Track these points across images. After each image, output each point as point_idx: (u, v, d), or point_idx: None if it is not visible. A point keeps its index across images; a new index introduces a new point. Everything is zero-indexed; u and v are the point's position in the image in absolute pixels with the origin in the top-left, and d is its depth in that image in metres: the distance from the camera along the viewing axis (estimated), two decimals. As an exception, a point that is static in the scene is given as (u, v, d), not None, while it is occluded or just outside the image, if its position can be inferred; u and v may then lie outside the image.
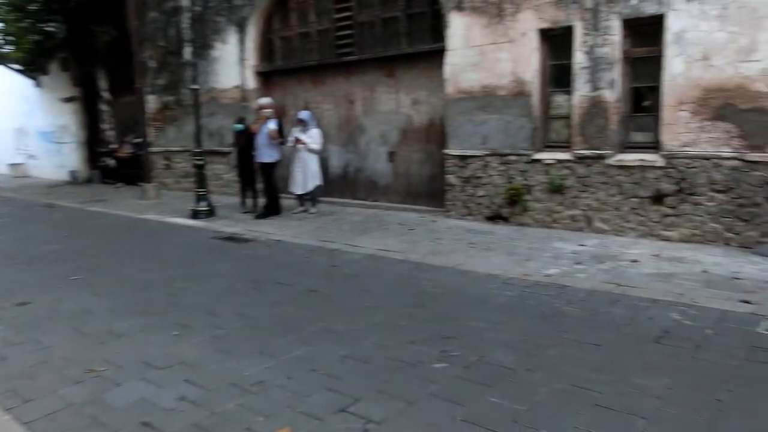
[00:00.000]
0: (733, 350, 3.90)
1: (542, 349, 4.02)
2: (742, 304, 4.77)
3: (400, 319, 4.70)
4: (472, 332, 4.37)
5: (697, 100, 6.65)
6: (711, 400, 3.24)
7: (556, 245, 7.03)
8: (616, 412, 3.14)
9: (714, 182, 6.66)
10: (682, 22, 6.65)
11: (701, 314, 4.57)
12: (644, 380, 3.50)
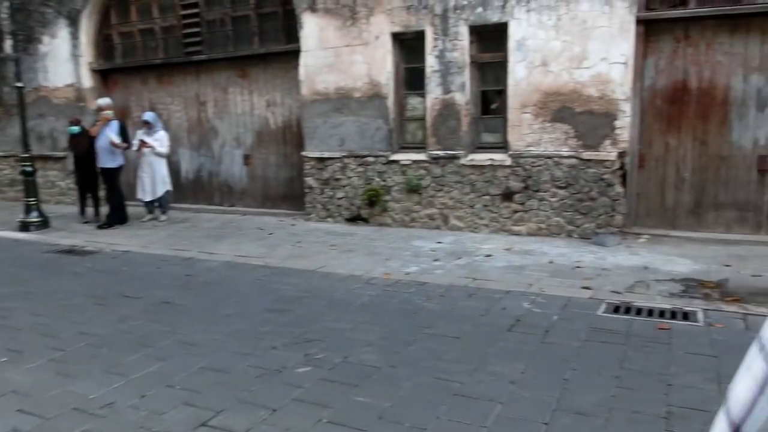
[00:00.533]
0: (576, 333, 4.17)
1: (405, 346, 4.04)
2: (583, 290, 5.14)
3: (261, 326, 4.52)
4: (335, 334, 4.30)
5: (538, 103, 7.13)
6: (559, 380, 3.43)
7: (415, 244, 7.18)
8: (475, 399, 3.23)
9: (556, 179, 7.17)
10: (523, 30, 7.10)
11: (549, 302, 4.86)
12: (500, 367, 3.64)
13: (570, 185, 7.11)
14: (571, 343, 4.01)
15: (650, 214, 7.11)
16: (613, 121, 6.80)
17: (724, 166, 6.71)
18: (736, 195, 6.70)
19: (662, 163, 6.97)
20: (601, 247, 6.64)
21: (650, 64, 6.88)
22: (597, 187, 6.97)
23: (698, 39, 6.64)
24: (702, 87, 6.69)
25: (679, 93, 6.79)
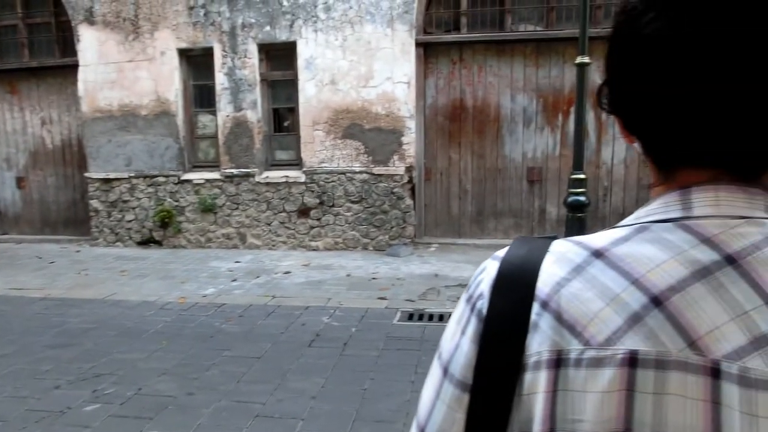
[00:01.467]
0: (374, 343, 4.34)
1: (203, 371, 3.87)
2: (379, 301, 5.37)
3: (42, 364, 4.01)
4: (127, 365, 3.97)
5: (329, 120, 7.33)
6: (358, 391, 3.53)
7: (213, 264, 6.93)
8: (277, 419, 3.19)
9: (349, 194, 7.41)
10: (311, 49, 7.27)
11: (347, 314, 4.99)
12: (300, 383, 3.64)
13: (363, 200, 7.41)
14: (369, 353, 4.15)
15: (438, 224, 7.68)
16: (400, 138, 7.24)
17: (500, 178, 7.49)
18: (512, 203, 7.52)
19: (446, 175, 7.58)
20: (395, 257, 7.00)
21: (431, 84, 7.46)
22: (388, 201, 7.36)
23: (471, 61, 7.35)
24: (477, 105, 7.41)
25: (458, 111, 7.45)
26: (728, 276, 0.50)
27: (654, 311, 0.50)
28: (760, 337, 0.48)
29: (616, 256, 0.54)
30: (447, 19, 7.38)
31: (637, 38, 0.53)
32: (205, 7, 7.45)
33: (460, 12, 7.27)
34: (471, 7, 7.25)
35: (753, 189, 0.54)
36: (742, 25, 0.49)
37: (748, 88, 0.49)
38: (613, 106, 0.58)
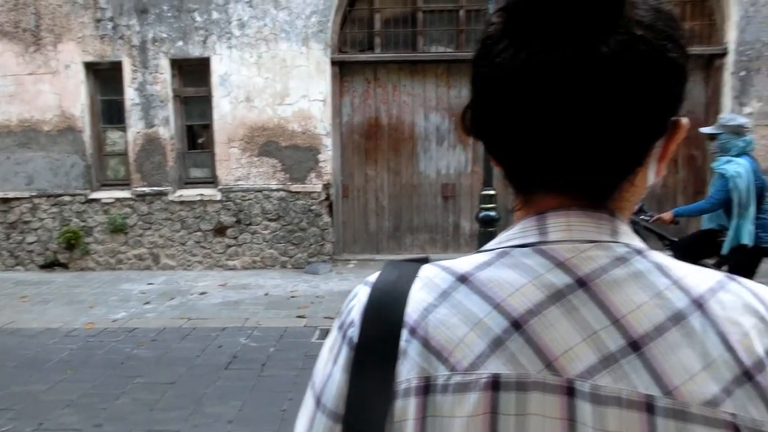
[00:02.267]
0: (292, 362, 4.32)
1: (111, 400, 3.72)
2: (298, 319, 5.35)
3: None
4: (28, 398, 3.76)
5: (245, 138, 7.26)
6: (277, 412, 3.51)
7: (124, 287, 6.67)
8: (192, 446, 3.11)
9: (267, 212, 7.35)
10: (226, 66, 7.19)
11: (265, 334, 4.94)
12: (217, 408, 3.57)
13: (281, 217, 7.36)
14: (287, 373, 4.13)
15: (357, 240, 7.74)
16: (316, 155, 7.27)
17: (415, 194, 7.65)
18: (427, 219, 7.69)
19: (363, 192, 7.66)
20: (314, 275, 6.99)
21: (347, 102, 7.54)
22: (306, 218, 7.35)
23: (386, 81, 7.50)
24: (392, 123, 7.56)
25: (374, 129, 7.57)
26: (579, 298, 0.53)
27: (514, 335, 0.53)
28: (609, 355, 0.51)
29: (480, 281, 0.56)
30: (361, 39, 7.51)
31: (491, 66, 0.55)
32: (114, 20, 7.22)
33: (374, 32, 7.41)
34: (384, 28, 7.42)
35: (600, 214, 0.57)
36: (585, 57, 0.51)
37: (590, 117, 0.52)
38: (475, 131, 0.60)
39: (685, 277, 0.54)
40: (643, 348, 0.51)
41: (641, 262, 0.55)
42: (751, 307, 0.53)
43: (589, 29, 0.51)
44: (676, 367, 0.50)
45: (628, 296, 0.53)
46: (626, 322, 0.52)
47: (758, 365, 0.51)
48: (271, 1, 7.13)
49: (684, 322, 0.52)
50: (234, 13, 7.15)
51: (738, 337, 0.52)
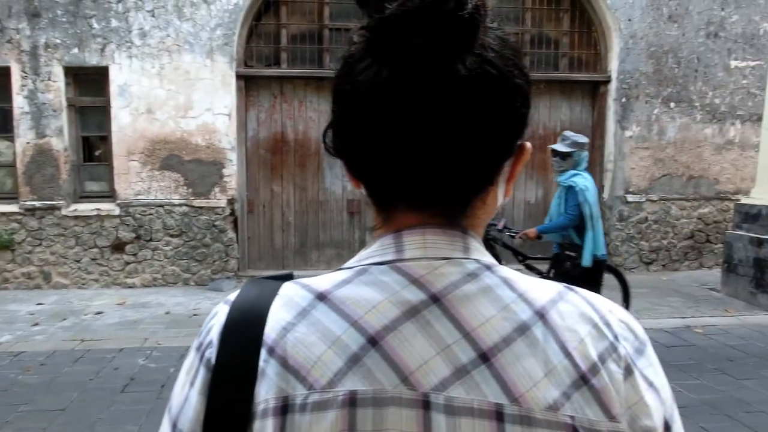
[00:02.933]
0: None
1: (-7, 432, 3.48)
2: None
3: None
4: None
5: (145, 151, 7.03)
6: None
7: (10, 308, 6.24)
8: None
9: (168, 228, 7.13)
10: (125, 76, 6.94)
11: (165, 354, 4.80)
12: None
13: (183, 233, 7.17)
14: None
15: (262, 256, 7.66)
16: (221, 169, 7.15)
17: (321, 210, 7.68)
18: (333, 235, 7.73)
19: (269, 208, 7.61)
20: (218, 292, 6.85)
21: (252, 116, 7.48)
22: (210, 234, 7.20)
23: (292, 96, 7.51)
24: (298, 139, 7.56)
25: (280, 144, 7.54)
26: (433, 313, 0.55)
27: (371, 351, 0.54)
28: (461, 367, 0.54)
29: (338, 299, 0.57)
30: (268, 53, 7.49)
31: (354, 84, 0.56)
32: (1, 22, 6.80)
33: (280, 47, 7.42)
34: (291, 44, 7.44)
35: (453, 232, 0.60)
36: (443, 75, 0.54)
37: (445, 134, 0.55)
38: (337, 150, 0.61)
39: (528, 291, 0.59)
40: (492, 359, 0.55)
41: (490, 277, 0.58)
42: (587, 315, 0.59)
43: (447, 49, 0.53)
44: (522, 375, 0.54)
45: (478, 310, 0.56)
46: (476, 334, 0.55)
47: (592, 369, 0.56)
48: (174, 12, 6.98)
49: (528, 332, 0.56)
50: (135, 22, 6.94)
51: (575, 344, 0.56)
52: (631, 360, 0.58)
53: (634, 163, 7.83)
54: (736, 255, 6.62)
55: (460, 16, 0.53)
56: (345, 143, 0.60)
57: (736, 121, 7.98)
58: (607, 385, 0.56)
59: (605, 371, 0.56)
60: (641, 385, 0.58)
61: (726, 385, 4.23)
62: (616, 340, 0.58)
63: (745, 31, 7.87)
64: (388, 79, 0.54)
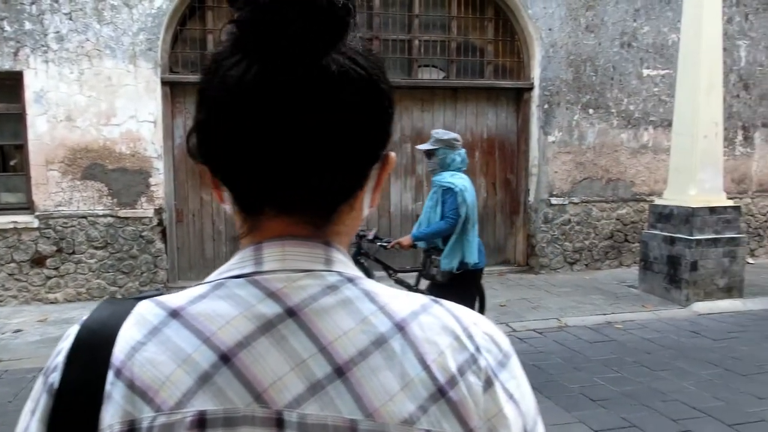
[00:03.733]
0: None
1: None
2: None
3: None
4: None
5: (65, 160, 6.74)
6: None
7: None
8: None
9: (93, 239, 6.86)
10: (42, 82, 6.64)
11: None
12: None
13: (109, 245, 6.92)
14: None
15: (193, 266, 7.48)
16: (147, 179, 6.95)
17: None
18: (262, 241, 7.64)
19: (199, 217, 7.45)
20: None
21: (179, 124, 7.31)
22: (137, 245, 6.97)
23: (219, 104, 7.39)
24: (226, 146, 7.44)
25: (207, 151, 7.40)
26: (289, 328, 0.54)
27: (222, 369, 0.52)
28: (316, 383, 0.53)
29: (191, 315, 0.55)
30: (194, 59, 7.34)
31: (222, 83, 0.54)
32: None
33: (207, 53, 7.29)
34: (219, 50, 7.33)
35: (314, 243, 0.58)
36: (315, 73, 0.53)
37: (315, 134, 0.54)
38: (202, 154, 0.58)
39: (390, 303, 0.58)
40: (348, 373, 0.53)
41: (351, 290, 0.57)
42: (449, 327, 0.58)
43: (318, 46, 0.53)
44: (377, 389, 0.53)
45: (336, 323, 0.55)
46: (332, 348, 0.54)
47: (451, 382, 0.55)
48: (93, 15, 6.73)
49: (385, 345, 0.55)
50: (51, 25, 6.64)
51: (434, 356, 0.55)
52: (493, 372, 0.58)
53: (557, 167, 8.16)
54: (651, 253, 7.01)
55: (333, 12, 0.52)
56: (211, 146, 0.56)
57: (649, 126, 8.46)
58: (465, 397, 0.55)
59: (464, 383, 0.55)
60: (501, 398, 0.57)
61: (644, 377, 4.49)
62: (478, 352, 0.58)
63: (655, 41, 8.35)
64: (257, 76, 0.53)
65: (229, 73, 0.54)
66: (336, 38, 0.54)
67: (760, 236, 9.20)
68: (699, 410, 3.90)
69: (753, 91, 8.91)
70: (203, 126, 0.56)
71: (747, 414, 3.84)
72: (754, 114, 8.96)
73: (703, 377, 4.48)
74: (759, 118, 8.99)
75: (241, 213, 0.60)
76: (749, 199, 9.02)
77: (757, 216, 9.14)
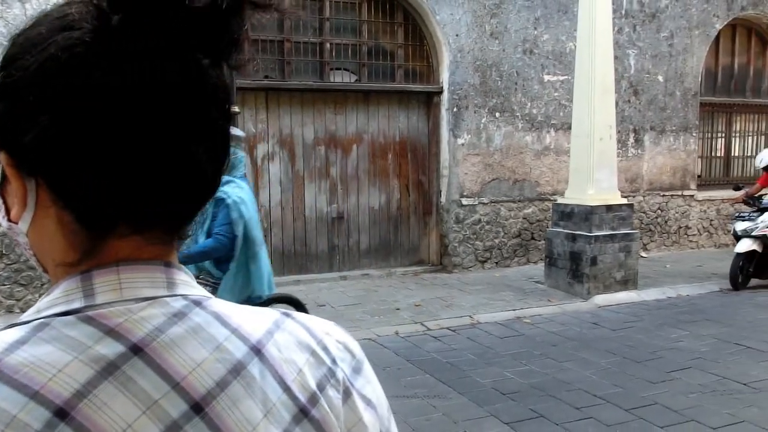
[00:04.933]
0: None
1: None
2: None
3: None
4: None
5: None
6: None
7: None
8: None
9: (-18, 251, 6.39)
10: None
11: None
12: None
13: (4, 255, 6.46)
14: None
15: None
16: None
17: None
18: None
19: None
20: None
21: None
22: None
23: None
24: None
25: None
26: (135, 367, 0.48)
27: (60, 426, 0.44)
28: (172, 424, 0.48)
29: (10, 368, 0.46)
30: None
31: (77, 86, 0.47)
32: None
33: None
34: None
35: (153, 266, 0.52)
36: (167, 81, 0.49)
37: (174, 136, 0.50)
38: (36, 166, 0.50)
39: (243, 324, 0.54)
40: (206, 408, 0.49)
41: (199, 315, 0.52)
42: (304, 342, 0.57)
43: (174, 51, 0.49)
44: (240, 421, 0.50)
45: (188, 355, 0.50)
46: (187, 383, 0.49)
47: (312, 400, 0.54)
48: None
49: (244, 372, 0.51)
50: (-70, 22, 6.14)
51: (293, 375, 0.54)
52: (349, 381, 0.58)
53: (466, 168, 8.40)
54: (555, 250, 7.37)
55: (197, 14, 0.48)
56: (52, 156, 0.48)
57: (551, 129, 8.89)
58: (327, 413, 0.55)
59: (324, 399, 0.55)
60: (359, 406, 0.58)
61: (550, 369, 4.71)
62: (334, 364, 0.58)
63: (554, 48, 8.79)
64: (113, 81, 0.47)
65: (86, 78, 0.47)
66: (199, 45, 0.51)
67: (651, 231, 9.88)
68: (599, 397, 4.14)
69: (642, 96, 9.57)
70: (44, 133, 0.48)
71: (642, 398, 4.12)
72: (643, 118, 9.62)
73: (603, 366, 4.76)
74: (648, 122, 9.66)
75: (78, 234, 0.51)
76: (641, 197, 9.67)
77: (648, 213, 9.81)
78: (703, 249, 10.31)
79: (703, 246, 10.37)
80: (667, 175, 9.94)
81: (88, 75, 0.47)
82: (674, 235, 10.11)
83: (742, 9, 10.16)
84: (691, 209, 10.21)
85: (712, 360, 4.89)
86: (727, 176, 10.86)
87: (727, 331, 5.69)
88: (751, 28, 10.70)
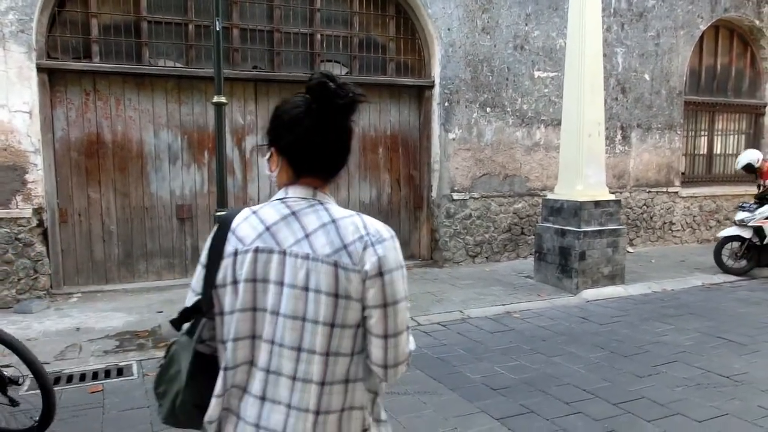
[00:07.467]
0: None
1: None
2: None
3: None
4: None
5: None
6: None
7: None
8: None
9: (-40, 242, 6.21)
10: None
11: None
12: None
13: (-19, 248, 6.29)
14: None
15: (80, 270, 6.96)
16: (23, 175, 6.36)
17: (148, 217, 7.18)
18: (162, 243, 7.27)
19: (86, 216, 6.94)
20: (25, 314, 6.06)
21: (60, 116, 6.77)
22: (13, 249, 6.36)
23: (107, 93, 6.92)
24: (117, 141, 6.99)
25: (95, 146, 6.91)
26: (291, 219, 1.34)
27: (266, 233, 1.33)
28: (299, 239, 1.34)
29: (258, 213, 1.37)
30: (76, 45, 6.81)
31: (293, 123, 1.35)
32: None
33: (91, 39, 6.79)
34: (103, 36, 6.85)
35: (310, 188, 1.38)
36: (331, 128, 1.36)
37: (329, 148, 1.37)
38: (280, 149, 1.38)
39: (335, 212, 1.36)
40: (310, 236, 1.32)
41: (319, 207, 1.36)
42: (357, 225, 1.34)
43: (333, 118, 1.36)
44: (319, 242, 1.31)
45: (309, 219, 1.34)
46: (305, 227, 1.33)
47: (350, 244, 1.31)
48: (-45, -7, 6.07)
49: (326, 227, 1.33)
50: None
51: (345, 233, 1.32)
52: (371, 243, 1.31)
53: (457, 163, 8.36)
54: (545, 245, 7.36)
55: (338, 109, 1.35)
56: (290, 149, 1.37)
57: (541, 125, 8.87)
58: (356, 250, 1.30)
59: (355, 245, 1.31)
60: (369, 251, 1.31)
61: (539, 363, 4.69)
62: (367, 235, 1.32)
63: (545, 45, 8.77)
64: (309, 126, 1.34)
65: (302, 122, 1.34)
66: (341, 117, 1.37)
67: (638, 227, 9.93)
68: (588, 392, 4.13)
69: (629, 94, 9.59)
70: (283, 140, 1.38)
71: (629, 392, 4.11)
72: (630, 115, 9.65)
73: (592, 360, 4.75)
74: (635, 119, 9.69)
75: (290, 173, 1.38)
76: (628, 194, 9.70)
77: (634, 209, 9.85)
78: (687, 244, 10.40)
79: (686, 241, 10.46)
80: (652, 172, 9.99)
81: (304, 122, 1.33)
82: (659, 230, 10.17)
83: (725, 11, 10.25)
84: (676, 205, 10.28)
85: (696, 353, 4.91)
86: (710, 173, 10.98)
87: (709, 325, 5.73)
88: (733, 29, 10.80)
